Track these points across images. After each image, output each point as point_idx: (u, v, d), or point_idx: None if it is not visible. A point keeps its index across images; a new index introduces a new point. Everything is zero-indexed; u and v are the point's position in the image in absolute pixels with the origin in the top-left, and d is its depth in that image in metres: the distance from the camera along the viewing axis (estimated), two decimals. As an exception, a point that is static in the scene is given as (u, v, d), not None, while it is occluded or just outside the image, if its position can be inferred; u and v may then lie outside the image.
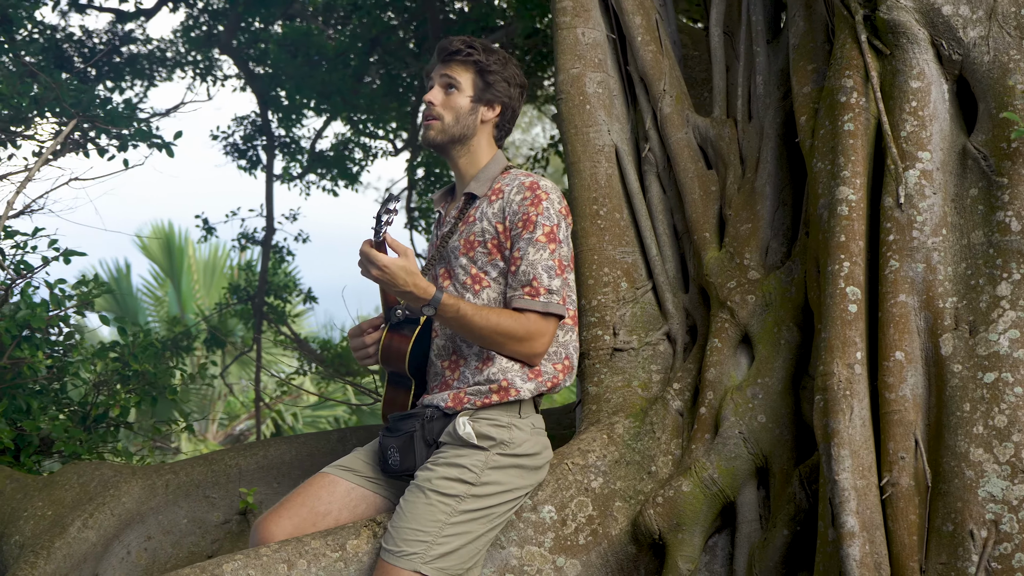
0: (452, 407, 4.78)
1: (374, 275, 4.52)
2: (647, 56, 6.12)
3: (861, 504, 4.52)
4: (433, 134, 4.98)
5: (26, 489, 6.56)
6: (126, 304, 24.09)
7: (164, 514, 6.55)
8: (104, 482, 6.48)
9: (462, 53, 4.96)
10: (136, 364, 7.49)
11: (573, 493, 5.10)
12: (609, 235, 5.90)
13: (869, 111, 5.14)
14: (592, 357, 5.75)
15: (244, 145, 15.61)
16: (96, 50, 14.45)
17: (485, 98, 4.98)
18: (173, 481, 6.62)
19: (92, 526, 6.17)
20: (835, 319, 4.80)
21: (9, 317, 6.71)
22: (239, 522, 6.68)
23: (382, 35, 14.82)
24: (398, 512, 4.65)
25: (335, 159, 16.13)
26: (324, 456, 6.85)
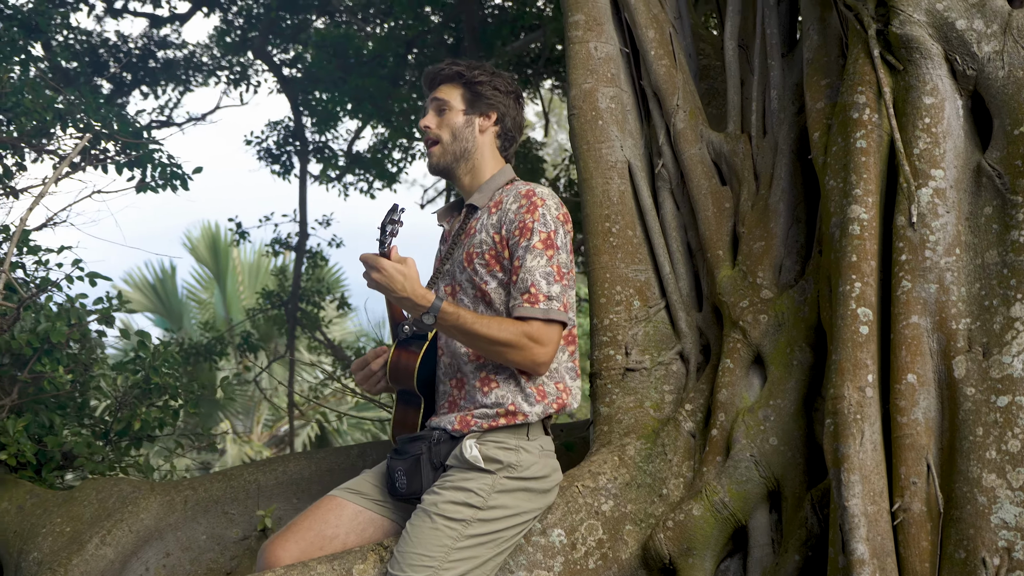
0: (459, 429, 4.73)
1: (374, 279, 4.48)
2: (660, 70, 6.06)
3: (872, 530, 4.46)
4: (435, 159, 4.97)
5: (46, 505, 6.56)
6: (171, 305, 24.19)
7: (183, 530, 6.53)
8: (122, 498, 6.48)
9: (445, 71, 4.97)
10: (157, 378, 7.47)
11: (583, 516, 5.04)
12: (622, 253, 5.84)
13: (882, 128, 5.08)
14: (604, 377, 5.69)
15: (278, 150, 15.62)
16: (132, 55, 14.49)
17: (478, 108, 4.95)
18: (192, 497, 6.61)
19: (110, 543, 6.16)
20: (846, 341, 4.74)
21: (30, 331, 6.69)
22: (258, 538, 6.66)
23: (419, 36, 14.80)
24: (404, 537, 4.60)
25: (373, 160, 16.14)
26: (343, 472, 6.82)
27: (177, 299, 24.40)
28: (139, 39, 14.83)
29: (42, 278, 7.38)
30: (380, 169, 16.24)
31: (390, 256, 4.46)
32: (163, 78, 14.97)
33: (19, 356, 6.86)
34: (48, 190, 6.38)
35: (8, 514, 6.61)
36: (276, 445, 23.18)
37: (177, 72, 15.02)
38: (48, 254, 7.41)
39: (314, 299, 15.70)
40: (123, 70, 14.55)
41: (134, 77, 14.68)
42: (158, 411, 7.56)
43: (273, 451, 22.55)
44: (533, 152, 15.51)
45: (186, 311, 24.38)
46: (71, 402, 7.41)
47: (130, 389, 7.53)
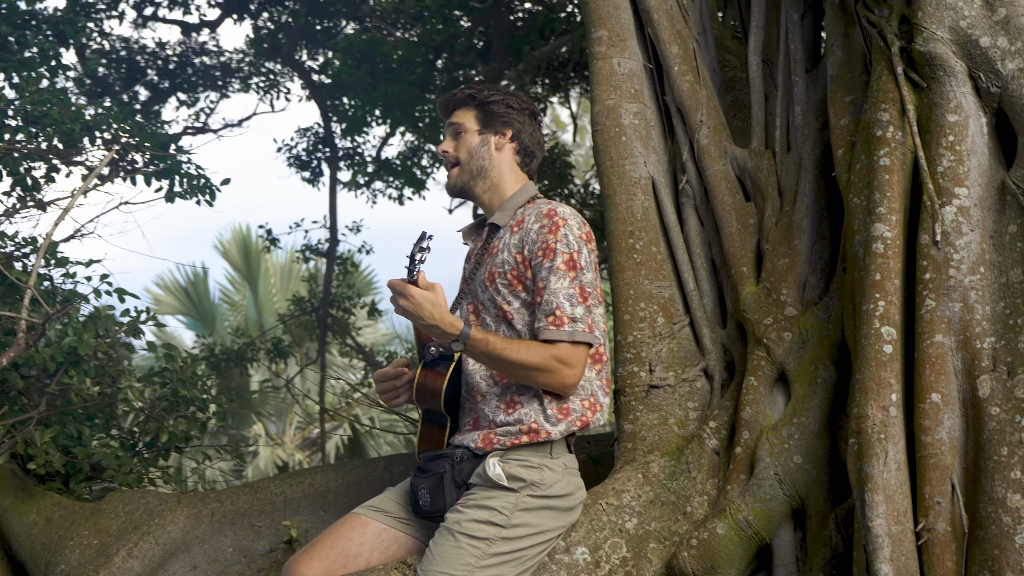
0: (482, 447, 4.73)
1: (402, 305, 4.48)
2: (684, 86, 6.04)
3: (895, 551, 4.44)
4: (453, 180, 5.01)
5: (73, 517, 6.58)
6: (204, 308, 24.26)
7: (209, 543, 6.54)
8: (149, 511, 6.49)
9: (457, 97, 5.03)
10: (184, 390, 7.48)
11: (607, 534, 5.03)
12: (645, 269, 5.83)
13: (906, 145, 5.06)
14: (628, 394, 5.68)
15: (307, 157, 15.66)
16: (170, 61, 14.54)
17: (492, 126, 4.97)
18: (218, 510, 6.61)
19: (137, 556, 6.18)
20: (870, 360, 4.72)
21: (56, 343, 6.72)
22: (285, 551, 6.66)
23: (447, 41, 14.80)
24: (427, 555, 4.60)
25: (402, 167, 16.16)
26: (370, 484, 6.82)
27: (210, 302, 24.49)
28: (177, 46, 14.89)
29: (69, 291, 7.40)
30: (409, 176, 16.26)
31: (418, 283, 4.46)
32: (200, 85, 15.02)
33: (46, 368, 6.88)
34: (75, 203, 6.39)
35: (36, 526, 6.63)
36: (308, 448, 23.23)
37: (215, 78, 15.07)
38: (76, 266, 7.44)
39: (345, 305, 15.72)
40: (160, 76, 14.61)
41: (172, 83, 14.73)
42: (185, 423, 7.57)
43: (306, 454, 22.60)
44: (562, 158, 15.51)
45: (219, 314, 24.46)
46: (99, 414, 7.43)
47: (157, 401, 7.55)
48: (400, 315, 4.60)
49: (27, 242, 7.41)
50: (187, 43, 15.01)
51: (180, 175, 7.93)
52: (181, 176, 7.93)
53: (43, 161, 7.77)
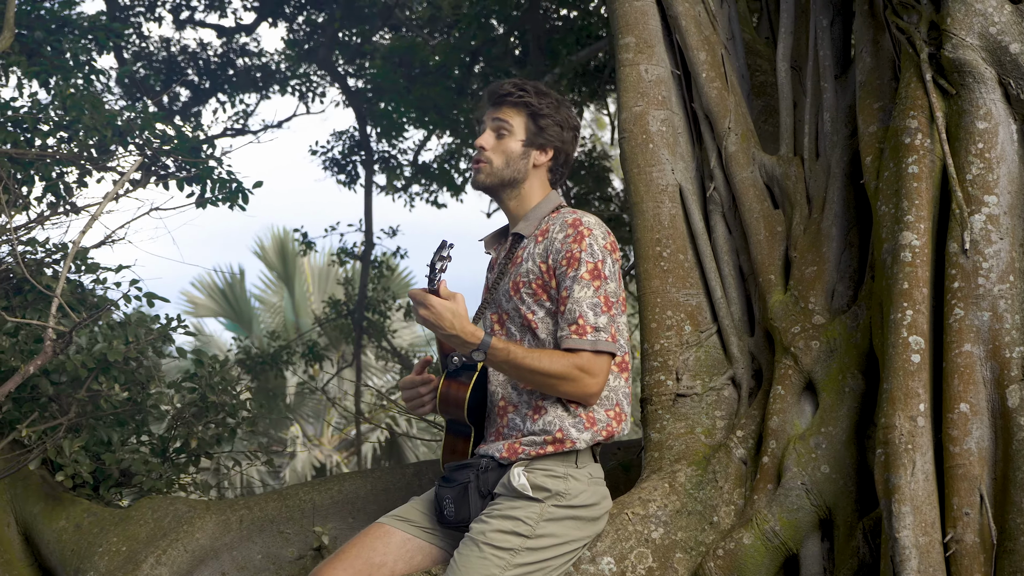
0: (507, 457, 4.70)
1: (422, 315, 4.45)
2: (712, 93, 6.01)
3: (923, 562, 4.42)
4: (482, 178, 4.91)
5: (102, 523, 6.59)
6: (240, 310, 24.35)
7: (238, 550, 6.54)
8: (178, 517, 6.50)
9: (513, 96, 4.87)
10: (214, 396, 7.48)
11: (633, 544, 5.01)
12: (673, 277, 5.80)
13: (934, 153, 5.03)
14: (655, 403, 5.65)
15: (343, 160, 15.69)
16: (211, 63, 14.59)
17: (537, 142, 4.88)
18: (247, 516, 6.62)
19: (165, 562, 6.18)
20: (897, 369, 4.70)
21: (86, 350, 6.72)
22: (313, 558, 6.66)
23: (484, 46, 14.80)
24: (452, 566, 4.58)
25: (440, 171, 16.17)
26: (399, 491, 6.81)
27: (247, 303, 24.57)
28: (218, 47, 14.95)
29: (100, 297, 7.42)
30: (447, 180, 16.27)
31: (439, 292, 4.43)
32: (240, 87, 15.07)
33: (77, 375, 6.89)
34: (104, 209, 6.41)
35: (65, 532, 6.65)
36: (346, 449, 23.27)
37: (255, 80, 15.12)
38: (106, 272, 7.45)
39: (380, 308, 15.74)
40: (201, 78, 14.66)
41: (212, 84, 14.78)
42: (215, 429, 7.58)
43: (343, 455, 22.64)
44: (601, 162, 15.48)
45: (255, 316, 24.54)
46: (129, 420, 7.44)
47: (187, 407, 7.55)
48: (422, 324, 4.58)
49: (57, 248, 7.43)
50: (228, 44, 15.07)
51: (212, 180, 7.93)
52: (213, 182, 7.92)
53: (75, 167, 7.79)
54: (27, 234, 7.46)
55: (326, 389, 18.02)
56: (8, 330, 6.85)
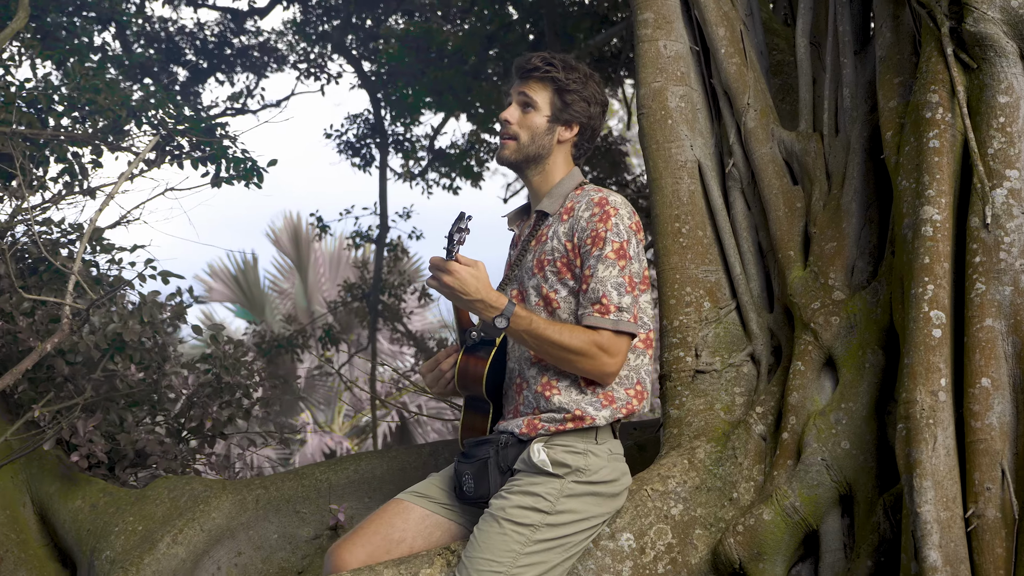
0: (527, 433, 4.70)
1: (445, 282, 4.44)
2: (731, 69, 6.00)
3: (944, 537, 4.39)
4: (507, 153, 4.89)
5: (118, 503, 6.61)
6: (253, 296, 24.35)
7: (254, 529, 6.55)
8: (194, 497, 6.51)
9: (540, 70, 4.85)
10: (229, 376, 7.48)
11: (652, 520, 5.00)
12: (692, 253, 5.79)
13: (955, 127, 5.01)
14: (674, 379, 5.65)
15: (358, 143, 15.68)
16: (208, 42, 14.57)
17: (562, 118, 4.86)
18: (263, 496, 6.63)
19: (182, 542, 6.20)
20: (919, 344, 4.67)
21: (101, 330, 6.72)
22: (330, 537, 6.67)
23: (500, 30, 14.77)
24: (472, 541, 4.58)
25: (458, 156, 16.16)
26: (415, 471, 6.81)
27: (259, 289, 24.56)
28: (215, 26, 14.92)
29: (115, 276, 7.42)
30: (463, 166, 16.25)
31: (459, 262, 4.43)
32: (239, 65, 15.05)
33: (91, 355, 6.90)
34: (119, 188, 6.41)
35: (81, 512, 6.66)
36: (357, 436, 23.30)
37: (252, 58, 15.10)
38: (121, 252, 7.46)
39: (395, 291, 15.74)
40: (199, 57, 14.65)
41: (210, 64, 14.77)
42: (231, 409, 7.58)
43: (354, 441, 22.66)
44: (616, 147, 15.46)
45: (268, 301, 24.53)
46: (144, 400, 7.45)
47: (201, 387, 7.55)
48: (442, 293, 4.57)
49: (73, 228, 7.43)
50: (225, 23, 15.04)
51: (227, 159, 7.92)
52: (228, 160, 7.92)
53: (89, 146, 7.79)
54: (42, 214, 7.46)
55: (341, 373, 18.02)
56: (24, 310, 6.86)
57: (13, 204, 7.24)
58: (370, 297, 15.81)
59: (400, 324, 16.39)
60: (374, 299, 15.73)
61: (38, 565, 6.70)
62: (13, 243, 7.34)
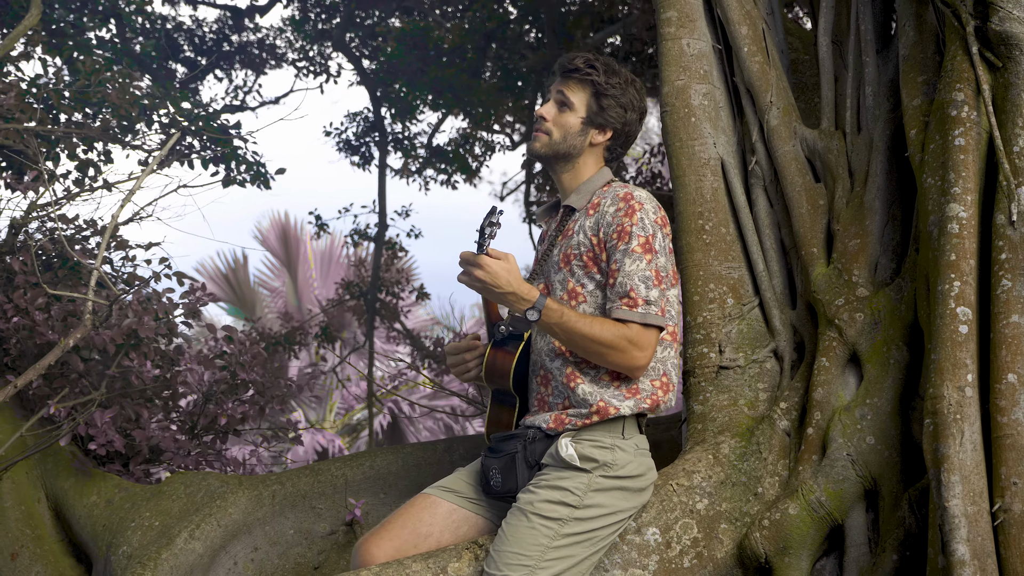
0: (554, 428, 4.73)
1: (477, 277, 4.47)
2: (754, 67, 6.03)
3: (972, 531, 4.43)
4: (538, 146, 4.92)
5: (134, 499, 6.63)
6: (243, 295, 24.32)
7: (270, 525, 6.59)
8: (210, 493, 6.54)
9: (580, 72, 4.88)
10: (245, 373, 7.51)
11: (678, 515, 5.04)
12: (715, 250, 5.83)
13: (980, 125, 5.04)
14: (697, 375, 5.68)
15: (357, 141, 15.70)
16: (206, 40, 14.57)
17: (597, 121, 4.89)
18: (279, 492, 6.66)
19: (199, 537, 6.22)
20: (945, 340, 4.71)
21: (116, 325, 6.75)
22: (345, 533, 6.71)
23: (499, 28, 14.78)
24: (500, 535, 4.61)
25: (454, 153, 16.17)
26: (430, 467, 6.85)
27: (250, 288, 24.52)
28: (213, 23, 14.91)
29: (129, 273, 7.44)
30: (461, 163, 16.27)
31: (490, 255, 4.46)
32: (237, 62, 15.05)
33: (106, 351, 6.92)
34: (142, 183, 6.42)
35: (97, 507, 6.69)
36: (349, 433, 23.28)
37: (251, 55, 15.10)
38: (135, 249, 7.47)
39: (393, 289, 15.76)
40: (197, 54, 14.64)
41: (208, 61, 14.76)
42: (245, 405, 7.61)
43: (346, 439, 22.64)
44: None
45: (259, 300, 24.50)
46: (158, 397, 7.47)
47: (216, 384, 7.57)
48: (472, 287, 4.59)
49: (88, 224, 7.45)
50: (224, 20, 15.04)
51: (237, 161, 7.96)
52: (239, 161, 7.96)
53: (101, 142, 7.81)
54: (58, 210, 7.48)
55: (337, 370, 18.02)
56: (39, 305, 6.87)
57: (28, 199, 7.25)
58: (368, 295, 15.82)
59: (398, 322, 16.40)
60: (372, 297, 15.75)
61: (53, 560, 6.73)
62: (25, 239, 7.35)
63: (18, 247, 7.23)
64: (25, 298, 6.83)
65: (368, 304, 15.81)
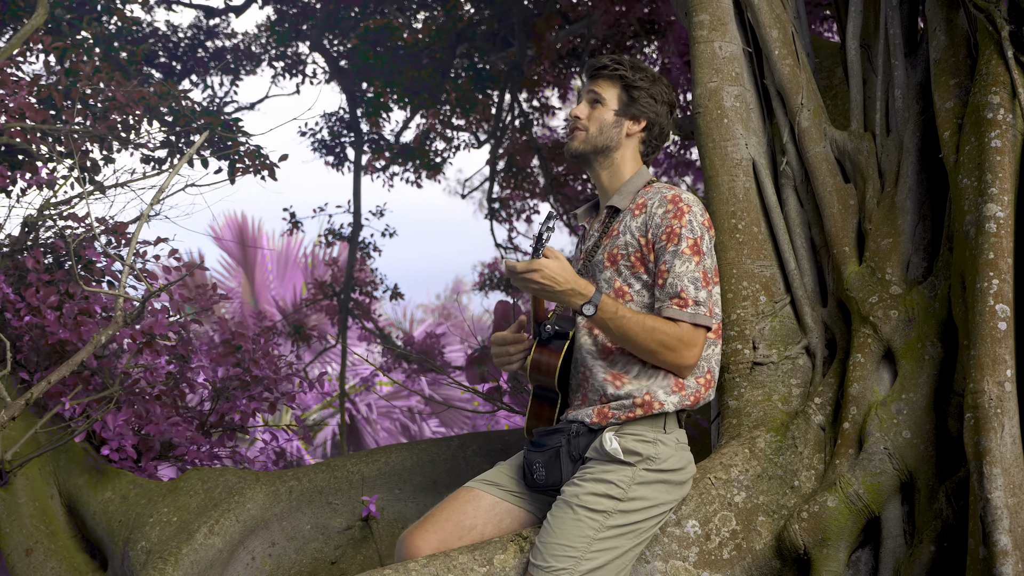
0: (597, 422, 4.81)
1: (536, 280, 4.56)
2: (784, 70, 6.11)
3: (1013, 522, 4.52)
4: (576, 144, 5.02)
5: (150, 495, 6.65)
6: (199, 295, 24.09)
7: (288, 520, 6.62)
8: (228, 488, 6.57)
9: (608, 68, 5.00)
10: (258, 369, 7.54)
11: (716, 507, 5.12)
12: (748, 249, 5.91)
13: (1016, 128, 5.13)
14: (732, 371, 5.76)
15: (332, 141, 15.69)
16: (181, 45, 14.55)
17: (630, 112, 4.99)
18: (296, 488, 6.70)
19: (218, 532, 6.26)
20: (984, 337, 4.80)
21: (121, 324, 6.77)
22: (362, 528, 6.76)
23: (467, 29, 14.82)
24: (546, 527, 4.68)
25: (417, 150, 16.19)
26: (444, 463, 6.91)
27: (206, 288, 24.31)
28: (189, 28, 14.88)
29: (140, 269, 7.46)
30: (424, 159, 16.29)
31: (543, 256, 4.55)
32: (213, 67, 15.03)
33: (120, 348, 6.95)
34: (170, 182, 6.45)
35: (112, 503, 6.71)
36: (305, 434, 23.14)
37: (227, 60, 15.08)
38: (145, 246, 7.50)
39: (366, 289, 15.78)
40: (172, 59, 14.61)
41: (184, 67, 14.73)
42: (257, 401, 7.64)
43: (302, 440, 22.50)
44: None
45: (215, 301, 24.28)
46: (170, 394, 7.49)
47: (229, 381, 7.60)
48: (529, 291, 4.68)
49: (100, 222, 7.46)
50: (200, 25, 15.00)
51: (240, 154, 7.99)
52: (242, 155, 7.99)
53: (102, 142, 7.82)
54: (69, 209, 7.49)
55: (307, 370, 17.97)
56: (51, 304, 6.89)
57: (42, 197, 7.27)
58: (341, 295, 15.82)
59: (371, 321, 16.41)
60: (345, 297, 15.75)
61: (67, 556, 6.74)
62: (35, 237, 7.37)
63: (29, 245, 7.24)
64: (38, 296, 6.85)
65: (341, 304, 15.81)
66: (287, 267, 24.04)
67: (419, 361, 16.33)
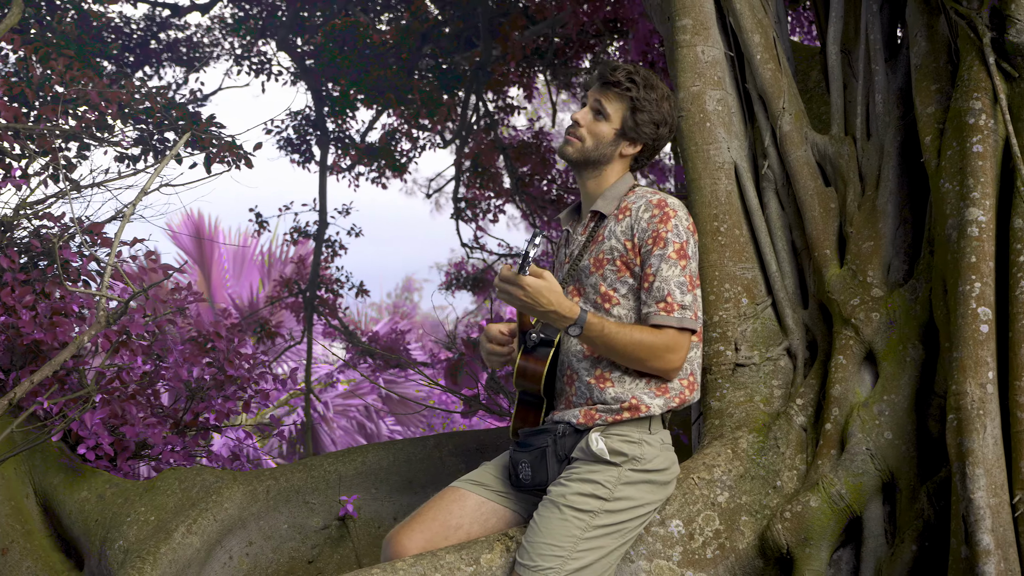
0: (584, 423, 4.85)
1: (519, 297, 4.58)
2: (766, 74, 6.15)
3: (995, 522, 4.58)
4: (570, 151, 5.04)
5: (127, 494, 6.63)
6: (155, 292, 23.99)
7: (265, 520, 6.63)
8: (206, 488, 6.56)
9: (620, 86, 4.99)
10: (233, 368, 7.54)
11: (700, 507, 5.17)
12: (730, 251, 5.95)
13: (998, 133, 5.19)
14: (714, 372, 5.80)
15: (298, 140, 15.66)
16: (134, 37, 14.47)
17: (630, 135, 5.01)
18: (274, 487, 6.70)
19: (196, 532, 6.24)
20: (967, 339, 4.86)
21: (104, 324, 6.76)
22: (339, 527, 6.77)
23: (432, 30, 14.83)
24: (532, 527, 4.72)
25: (383, 150, 16.17)
26: (421, 462, 6.93)
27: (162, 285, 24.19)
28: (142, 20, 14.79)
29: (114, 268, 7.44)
30: (389, 159, 16.28)
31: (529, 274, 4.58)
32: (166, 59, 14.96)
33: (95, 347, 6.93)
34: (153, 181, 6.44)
35: (88, 503, 6.68)
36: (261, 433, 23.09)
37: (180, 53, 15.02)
38: (121, 246, 7.47)
39: (332, 288, 15.77)
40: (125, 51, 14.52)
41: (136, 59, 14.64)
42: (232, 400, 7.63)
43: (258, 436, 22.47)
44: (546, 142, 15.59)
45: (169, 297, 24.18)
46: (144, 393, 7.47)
47: (202, 380, 7.59)
48: (513, 305, 4.71)
49: (75, 222, 7.44)
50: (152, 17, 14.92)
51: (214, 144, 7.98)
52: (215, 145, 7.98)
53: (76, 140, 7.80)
54: (44, 209, 7.46)
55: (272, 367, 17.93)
56: (27, 304, 6.87)
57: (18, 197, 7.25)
58: (307, 293, 15.80)
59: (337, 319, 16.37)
60: (311, 295, 15.73)
61: (43, 555, 6.71)
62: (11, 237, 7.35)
63: (4, 245, 7.22)
64: (13, 296, 6.83)
65: (307, 301, 15.79)
66: (243, 265, 23.96)
67: (384, 357, 16.30)
